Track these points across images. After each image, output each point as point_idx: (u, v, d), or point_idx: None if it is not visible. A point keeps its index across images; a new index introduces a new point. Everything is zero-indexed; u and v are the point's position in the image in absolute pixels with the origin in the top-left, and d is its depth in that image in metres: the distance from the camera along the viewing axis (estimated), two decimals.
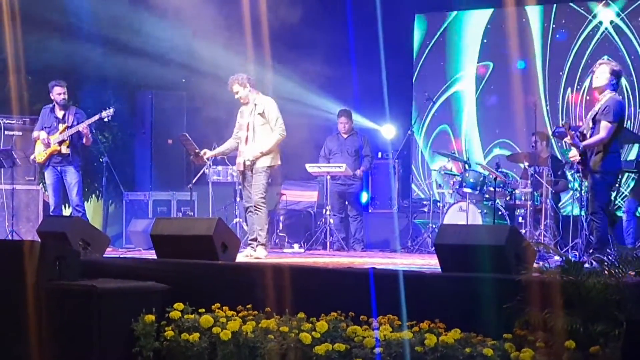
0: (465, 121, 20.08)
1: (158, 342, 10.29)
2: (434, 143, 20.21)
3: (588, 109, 12.51)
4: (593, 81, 12.10)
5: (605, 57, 12.82)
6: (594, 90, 12.13)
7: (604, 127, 11.63)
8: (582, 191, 13.20)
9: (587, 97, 13.64)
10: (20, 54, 17.26)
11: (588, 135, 11.77)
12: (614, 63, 12.23)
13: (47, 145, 15.55)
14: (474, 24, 20.13)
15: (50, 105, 15.90)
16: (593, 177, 11.76)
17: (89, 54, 18.33)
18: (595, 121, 11.75)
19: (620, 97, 11.90)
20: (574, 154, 11.94)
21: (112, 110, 16.03)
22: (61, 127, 15.62)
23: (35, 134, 15.91)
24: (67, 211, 16.31)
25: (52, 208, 15.79)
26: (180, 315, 10.34)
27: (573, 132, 11.72)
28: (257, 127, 13.49)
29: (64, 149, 15.58)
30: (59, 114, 15.76)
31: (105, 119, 16.10)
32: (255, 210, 13.59)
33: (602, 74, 11.90)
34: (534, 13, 19.17)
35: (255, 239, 13.58)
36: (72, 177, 15.70)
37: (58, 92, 15.76)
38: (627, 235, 14.78)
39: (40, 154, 15.70)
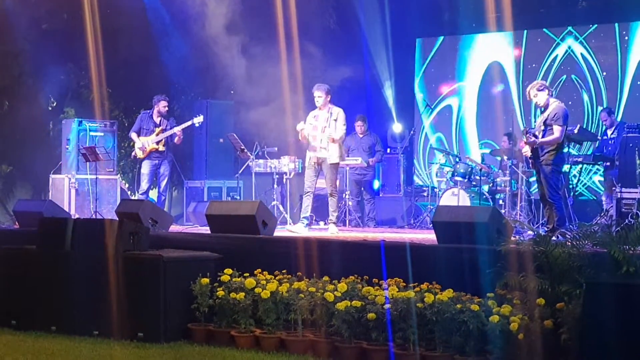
0: (456, 124, 20.02)
1: (212, 300, 10.31)
2: (432, 140, 20.19)
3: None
4: (535, 103, 12.03)
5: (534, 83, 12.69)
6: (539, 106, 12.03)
7: (557, 130, 11.56)
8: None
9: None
10: (102, 70, 17.28)
11: (540, 136, 11.70)
12: (536, 83, 12.03)
13: (144, 149, 15.65)
14: (462, 46, 20.07)
15: (148, 112, 16.02)
16: (544, 170, 11.68)
17: (158, 71, 18.35)
18: (546, 125, 11.68)
19: (563, 104, 11.83)
20: (526, 150, 11.90)
21: (201, 117, 16.21)
22: (157, 130, 15.71)
23: (133, 135, 16.01)
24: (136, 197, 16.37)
25: (142, 191, 15.83)
26: (229, 279, 10.35)
27: (529, 134, 11.66)
28: (331, 130, 13.48)
29: (161, 147, 15.72)
30: (157, 120, 15.85)
31: (197, 124, 16.23)
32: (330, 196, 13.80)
33: (534, 97, 11.83)
34: (510, 37, 19.10)
35: (308, 217, 13.64)
36: (165, 169, 15.88)
37: (164, 105, 15.94)
38: None
39: (140, 152, 15.82)
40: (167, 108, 15.99)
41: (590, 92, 18.31)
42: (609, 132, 15.38)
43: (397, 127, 19.79)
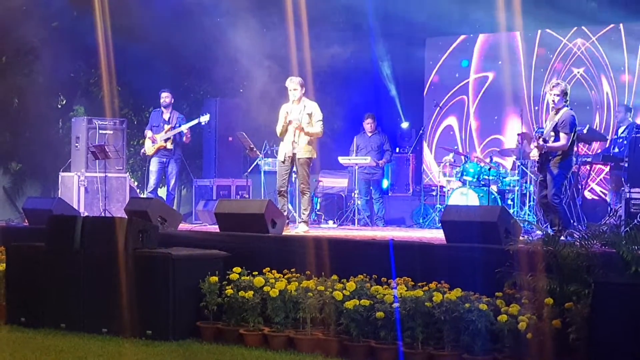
0: (465, 123, 20.02)
1: (220, 298, 10.31)
2: (441, 140, 20.17)
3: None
4: (548, 99, 12.08)
5: (554, 79, 12.62)
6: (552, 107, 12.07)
7: (564, 137, 11.60)
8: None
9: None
10: (112, 68, 17.32)
11: (550, 141, 11.74)
12: (562, 84, 12.07)
13: (154, 141, 15.78)
14: (471, 46, 20.06)
15: (159, 109, 16.20)
16: (551, 172, 11.70)
17: (167, 69, 18.38)
18: (555, 131, 11.71)
19: (573, 110, 11.84)
20: (534, 154, 11.92)
21: (208, 116, 16.40)
22: (166, 127, 15.86)
23: (146, 132, 16.35)
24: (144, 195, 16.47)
25: (150, 189, 15.97)
26: (238, 277, 10.36)
27: (538, 139, 11.74)
28: (304, 124, 13.39)
29: (169, 145, 15.87)
30: (165, 116, 16.03)
31: (203, 123, 16.35)
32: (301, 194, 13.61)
33: (555, 96, 11.85)
34: (521, 37, 19.11)
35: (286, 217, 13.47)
36: (172, 167, 16.06)
37: (165, 96, 16.26)
38: None
39: (149, 148, 16.12)
40: (168, 99, 16.13)
41: (600, 92, 18.28)
42: (620, 130, 15.37)
43: (404, 125, 19.86)
